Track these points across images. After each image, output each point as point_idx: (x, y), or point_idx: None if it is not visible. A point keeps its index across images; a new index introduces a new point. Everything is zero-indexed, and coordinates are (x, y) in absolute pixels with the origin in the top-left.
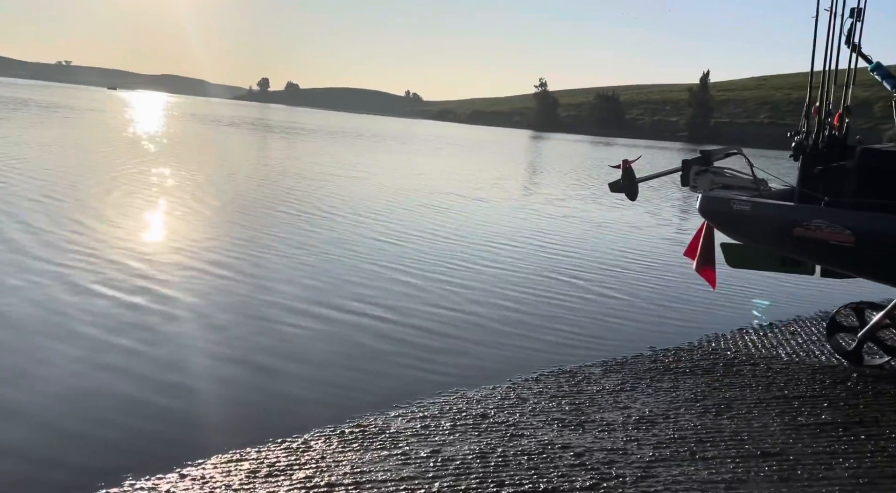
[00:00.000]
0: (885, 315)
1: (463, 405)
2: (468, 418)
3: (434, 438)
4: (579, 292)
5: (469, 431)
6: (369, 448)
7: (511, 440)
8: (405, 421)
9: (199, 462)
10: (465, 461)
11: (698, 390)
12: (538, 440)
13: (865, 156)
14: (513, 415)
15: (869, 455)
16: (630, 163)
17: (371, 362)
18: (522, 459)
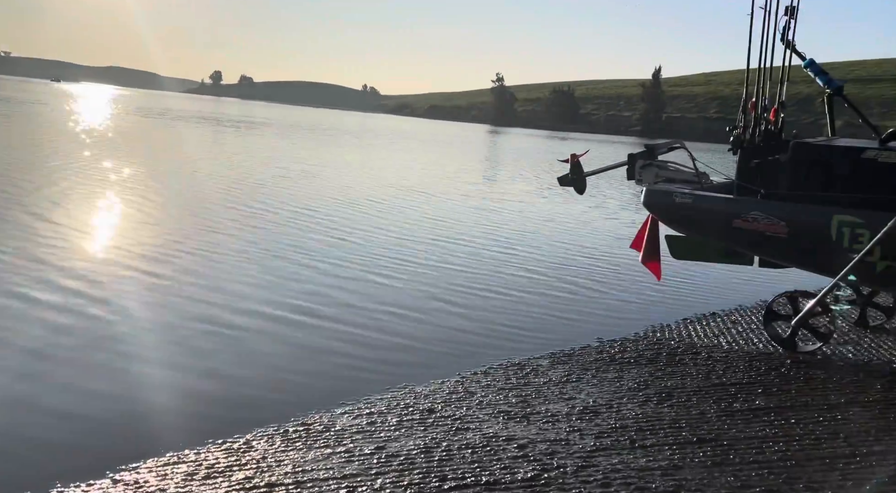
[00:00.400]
0: (817, 303)
1: (411, 401)
2: (415, 413)
3: (379, 434)
4: (529, 286)
5: (415, 426)
6: (313, 447)
7: (456, 433)
8: (351, 418)
9: (134, 466)
10: (410, 457)
11: (641, 379)
12: (483, 433)
13: (798, 150)
14: (460, 409)
15: (798, 439)
16: (578, 157)
17: (319, 360)
18: (466, 452)
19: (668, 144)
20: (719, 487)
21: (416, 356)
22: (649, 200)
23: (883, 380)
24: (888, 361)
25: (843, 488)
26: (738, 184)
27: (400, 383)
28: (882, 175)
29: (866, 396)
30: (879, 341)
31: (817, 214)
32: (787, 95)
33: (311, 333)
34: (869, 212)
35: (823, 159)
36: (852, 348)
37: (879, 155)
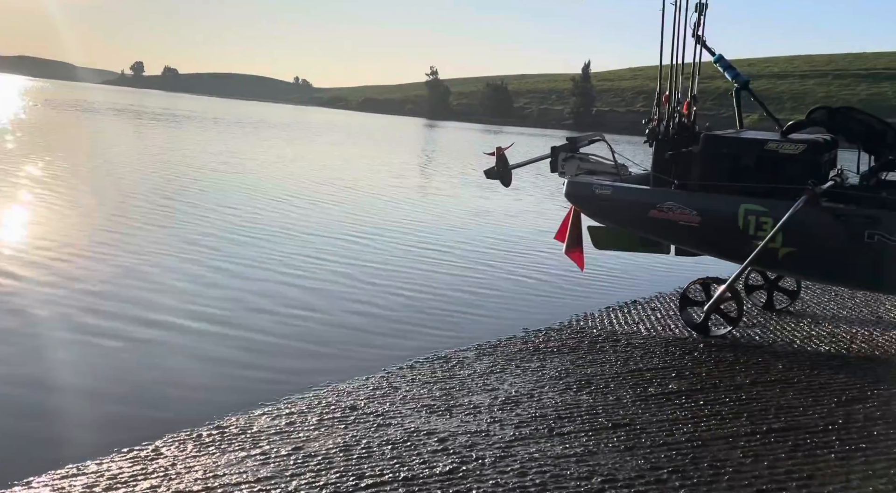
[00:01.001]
0: (727, 289)
1: (333, 399)
2: (336, 411)
3: (298, 434)
4: (455, 280)
5: (336, 424)
6: (227, 451)
7: (378, 430)
8: (270, 419)
9: (28, 481)
10: (328, 456)
11: (563, 368)
12: (405, 428)
13: (707, 142)
14: (383, 405)
15: (705, 419)
16: (503, 150)
17: (238, 362)
18: (386, 448)
19: (589, 137)
20: (630, 470)
21: (341, 354)
22: (571, 191)
23: (784, 360)
24: (790, 341)
25: (743, 465)
26: (654, 175)
27: (323, 382)
28: (783, 165)
29: (769, 375)
30: (783, 324)
31: (726, 203)
32: (708, 90)
33: (231, 334)
34: (772, 200)
35: (731, 151)
36: (759, 331)
37: (780, 146)
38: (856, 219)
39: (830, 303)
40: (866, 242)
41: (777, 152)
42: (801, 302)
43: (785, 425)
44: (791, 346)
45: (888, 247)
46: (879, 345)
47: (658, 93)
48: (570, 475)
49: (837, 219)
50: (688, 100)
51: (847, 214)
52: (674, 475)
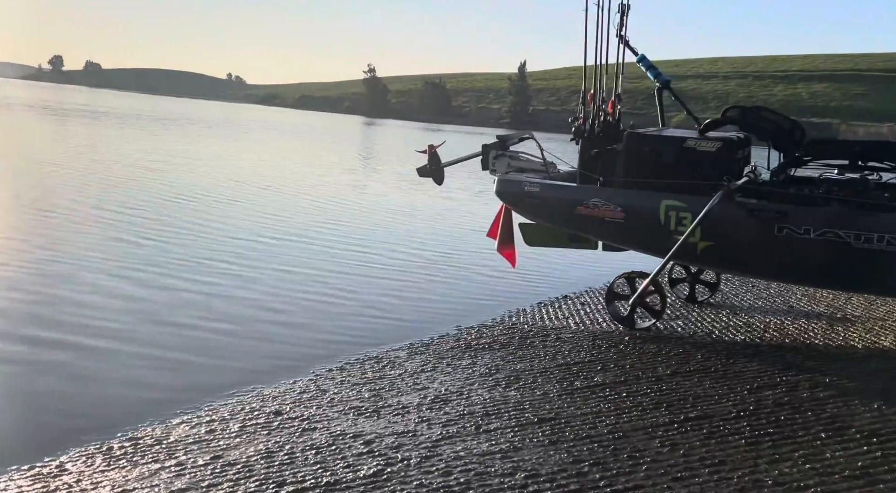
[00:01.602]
0: (650, 283)
1: (257, 404)
2: (260, 416)
3: (218, 443)
4: (389, 279)
5: (259, 430)
6: (139, 463)
7: (302, 434)
8: (188, 428)
9: None
10: (248, 464)
11: (493, 364)
12: (331, 432)
13: (630, 139)
14: (309, 408)
15: (626, 411)
16: (435, 148)
17: (153, 369)
18: (310, 453)
19: (519, 136)
20: (553, 464)
21: (268, 358)
22: (501, 189)
23: (703, 350)
24: (709, 332)
25: (660, 454)
26: (580, 173)
27: (248, 387)
28: (701, 162)
29: (688, 366)
30: (704, 315)
31: (648, 199)
32: (639, 89)
33: (147, 340)
34: (691, 196)
35: (652, 149)
36: (681, 323)
37: (698, 144)
38: (766, 213)
39: (747, 294)
40: (776, 236)
41: (695, 150)
42: (720, 294)
43: (701, 413)
44: (710, 336)
45: (795, 239)
46: (789, 333)
47: (583, 92)
48: (495, 472)
49: (750, 213)
50: (612, 99)
51: (759, 209)
52: (594, 467)
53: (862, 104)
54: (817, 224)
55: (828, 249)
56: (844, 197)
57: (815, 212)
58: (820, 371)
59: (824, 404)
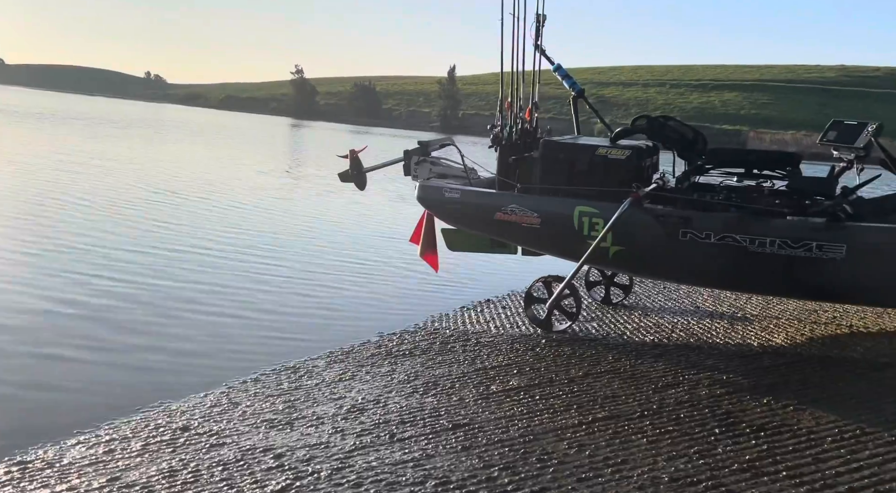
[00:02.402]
0: (565, 286)
1: (163, 420)
2: (165, 433)
3: (116, 463)
4: (310, 287)
5: (163, 448)
6: (27, 489)
7: (210, 451)
8: (84, 449)
9: None
10: (148, 485)
11: (413, 370)
12: (240, 447)
13: (546, 147)
14: (219, 423)
15: (538, 414)
16: (357, 152)
17: (52, 388)
18: (217, 470)
19: (440, 142)
20: (464, 470)
21: (177, 372)
22: (422, 195)
23: (614, 351)
24: (621, 333)
25: (567, 455)
26: (499, 179)
27: (154, 402)
28: (611, 170)
29: (600, 367)
30: (617, 317)
31: (563, 205)
32: (564, 96)
33: (45, 357)
34: (603, 203)
35: (567, 156)
36: (596, 325)
37: (609, 152)
38: (672, 219)
39: (659, 296)
40: (681, 240)
41: (606, 157)
42: (634, 296)
43: (608, 413)
44: (622, 338)
45: (698, 244)
46: (694, 333)
47: (500, 99)
48: (406, 481)
49: (657, 219)
50: (530, 107)
51: (665, 215)
52: (504, 471)
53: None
54: (717, 229)
55: (726, 252)
56: (741, 203)
57: (715, 218)
58: (719, 369)
59: (720, 400)
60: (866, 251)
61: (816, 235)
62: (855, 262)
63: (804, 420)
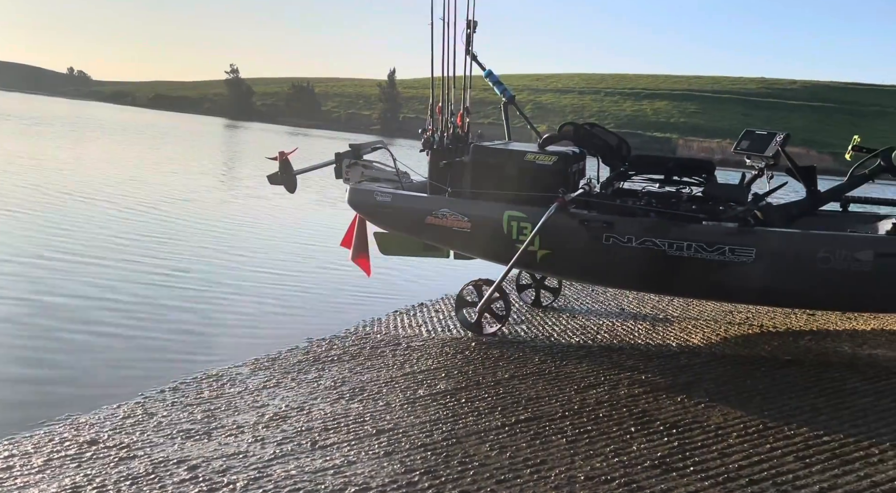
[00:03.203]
0: (495, 289)
1: (69, 434)
2: (71, 447)
3: (14, 481)
4: (235, 292)
5: (67, 463)
6: None
7: (118, 465)
8: None
9: None
10: None
11: (341, 376)
12: (152, 459)
13: (476, 152)
14: (131, 435)
15: (463, 417)
16: (286, 155)
17: None
18: (124, 485)
19: (372, 145)
20: (385, 476)
21: (87, 383)
22: (353, 198)
23: (541, 353)
24: (548, 335)
25: (489, 457)
26: (430, 183)
27: (61, 415)
28: (539, 175)
29: (526, 369)
30: (546, 319)
31: (492, 209)
32: (498, 101)
33: None
34: (531, 207)
35: (496, 161)
36: (525, 327)
37: (537, 158)
38: (595, 224)
39: (587, 298)
40: (604, 244)
41: (534, 163)
42: (563, 298)
43: (531, 415)
44: (549, 339)
45: (620, 248)
46: (618, 334)
47: (431, 104)
48: (325, 488)
49: (581, 224)
50: (461, 111)
51: (589, 220)
52: (425, 476)
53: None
54: (638, 234)
55: (646, 256)
56: (660, 209)
57: (636, 222)
58: (638, 369)
59: (638, 399)
60: (773, 255)
61: (729, 239)
62: (763, 265)
63: (714, 417)
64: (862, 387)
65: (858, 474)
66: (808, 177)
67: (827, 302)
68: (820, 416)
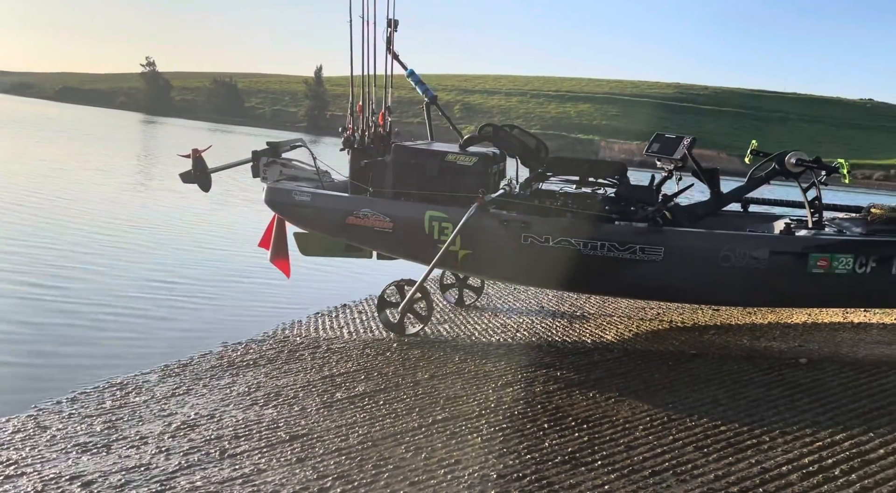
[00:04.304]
0: (417, 289)
1: None
2: None
3: None
4: (146, 295)
5: None
6: None
7: (4, 484)
8: None
9: None
10: None
11: (256, 381)
12: (42, 476)
13: (397, 152)
14: (20, 451)
15: (380, 419)
16: (200, 152)
17: None
18: None
19: (291, 143)
20: (296, 483)
21: None
22: (270, 198)
23: (461, 352)
24: (471, 334)
25: (404, 459)
26: (351, 183)
27: None
28: (459, 175)
29: (446, 368)
30: (469, 318)
31: (414, 210)
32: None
33: None
34: (452, 207)
35: (417, 161)
36: (448, 326)
37: (457, 158)
38: (514, 224)
39: (509, 297)
40: (523, 244)
41: (455, 163)
42: (486, 297)
43: (448, 415)
44: (471, 338)
45: (538, 248)
46: (537, 332)
47: (351, 102)
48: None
49: (501, 224)
50: (383, 110)
51: (508, 220)
52: (338, 481)
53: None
54: (554, 234)
55: (563, 255)
56: (576, 209)
57: (552, 222)
58: (554, 366)
59: (552, 396)
60: (679, 253)
61: (639, 238)
62: (671, 263)
63: (622, 411)
64: (757, 378)
65: (750, 461)
66: (711, 179)
67: (728, 298)
68: (719, 407)
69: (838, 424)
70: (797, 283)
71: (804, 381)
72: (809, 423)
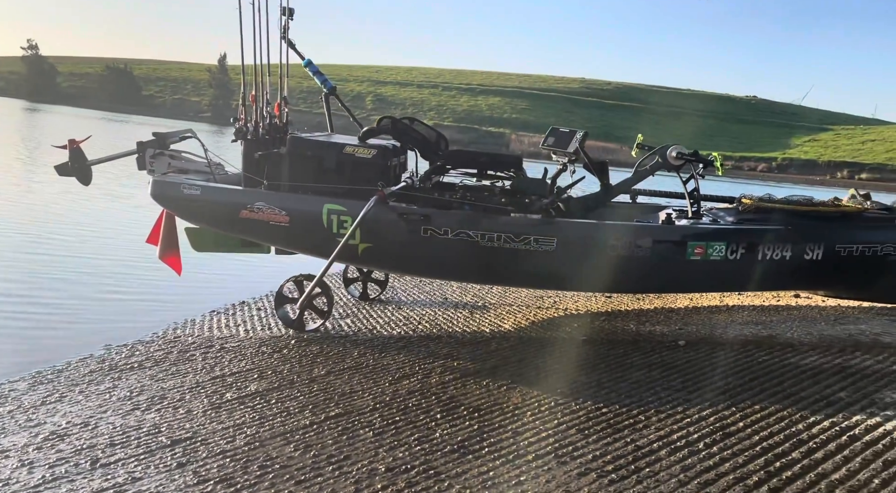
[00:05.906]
0: (316, 284)
1: None
2: None
3: None
4: (18, 295)
5: None
6: None
7: None
8: None
9: None
10: None
11: (139, 385)
12: None
13: (293, 144)
14: None
15: (270, 418)
16: (78, 143)
17: None
18: None
19: (180, 134)
20: (175, 489)
21: None
22: (157, 191)
23: (361, 346)
24: (372, 328)
25: (292, 459)
26: (245, 175)
27: None
28: (358, 168)
29: (344, 363)
30: (371, 312)
31: (311, 203)
32: (342, 92)
33: None
34: (350, 201)
35: (314, 154)
36: (350, 321)
37: (356, 151)
38: (414, 216)
39: (413, 289)
40: (423, 237)
41: (353, 156)
42: (391, 290)
43: (341, 410)
44: (372, 332)
45: (438, 240)
46: (438, 323)
47: (243, 92)
48: None
49: (401, 217)
50: (279, 101)
51: (408, 213)
52: (220, 484)
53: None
54: (453, 226)
55: (462, 247)
56: (473, 202)
57: (451, 215)
58: (452, 356)
59: (447, 386)
60: (571, 243)
61: (533, 229)
62: (563, 253)
63: (513, 398)
64: (639, 361)
65: (626, 440)
66: (601, 172)
67: (617, 286)
68: (602, 390)
69: (705, 401)
70: (678, 269)
71: (680, 362)
72: (681, 401)
